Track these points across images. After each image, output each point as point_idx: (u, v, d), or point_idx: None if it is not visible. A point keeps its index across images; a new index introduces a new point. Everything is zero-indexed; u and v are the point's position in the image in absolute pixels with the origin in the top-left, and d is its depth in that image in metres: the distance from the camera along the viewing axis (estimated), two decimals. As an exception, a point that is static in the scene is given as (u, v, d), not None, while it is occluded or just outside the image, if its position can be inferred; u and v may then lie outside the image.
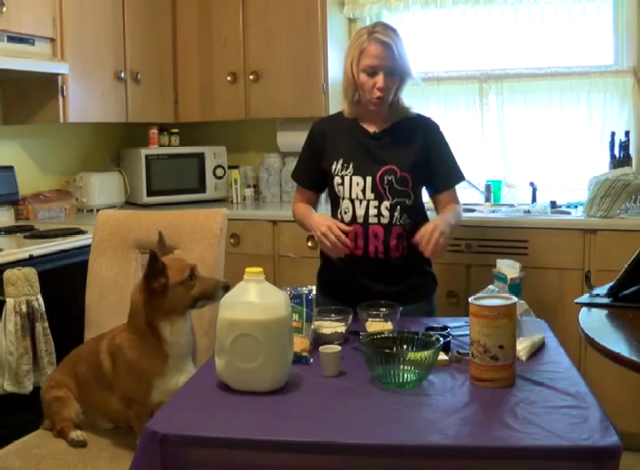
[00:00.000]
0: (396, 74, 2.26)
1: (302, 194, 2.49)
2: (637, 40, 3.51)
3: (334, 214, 2.39)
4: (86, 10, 3.45)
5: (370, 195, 2.28)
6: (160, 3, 3.95)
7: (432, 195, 2.43)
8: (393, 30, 2.28)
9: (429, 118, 2.41)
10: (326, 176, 2.37)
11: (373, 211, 2.28)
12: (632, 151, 3.41)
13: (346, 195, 2.31)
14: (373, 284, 2.30)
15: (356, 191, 2.29)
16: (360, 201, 2.29)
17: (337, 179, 2.32)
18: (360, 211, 2.29)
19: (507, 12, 3.73)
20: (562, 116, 3.67)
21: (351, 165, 2.30)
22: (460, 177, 2.42)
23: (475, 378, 1.65)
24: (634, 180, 3.09)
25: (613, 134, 3.44)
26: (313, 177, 2.44)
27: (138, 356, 1.90)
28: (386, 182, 2.27)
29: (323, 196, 2.57)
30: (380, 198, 2.28)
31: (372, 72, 2.23)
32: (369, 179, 2.28)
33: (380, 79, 2.22)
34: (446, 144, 2.39)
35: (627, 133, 3.41)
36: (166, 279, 1.88)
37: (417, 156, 2.31)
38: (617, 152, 3.40)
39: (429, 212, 2.45)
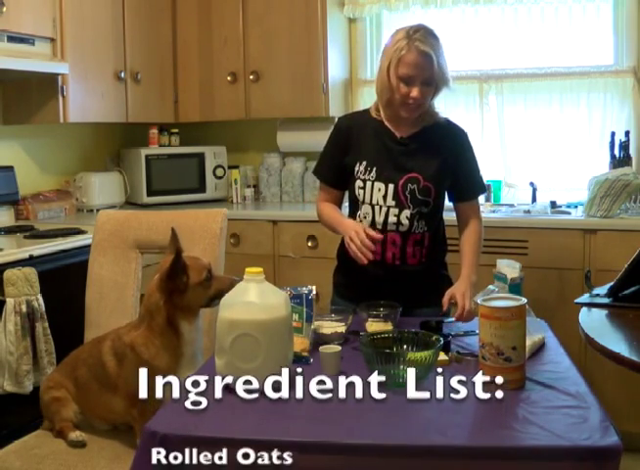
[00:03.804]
0: (432, 84, 2.19)
1: (327, 192, 2.38)
2: (637, 40, 3.51)
3: (352, 217, 2.31)
4: (86, 10, 3.45)
5: (391, 202, 2.22)
6: (160, 3, 3.95)
7: (453, 202, 2.37)
8: (435, 37, 2.19)
9: (457, 125, 2.35)
10: (348, 175, 2.30)
11: (392, 219, 2.23)
12: (632, 151, 3.41)
13: (367, 200, 2.25)
14: (389, 288, 2.24)
15: (377, 197, 2.23)
16: (380, 207, 2.23)
17: (358, 183, 2.26)
18: (380, 218, 2.23)
19: (507, 12, 3.73)
20: (562, 116, 3.66)
21: (374, 170, 2.23)
22: (481, 189, 2.38)
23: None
24: (634, 180, 3.09)
25: (613, 134, 3.44)
26: (338, 174, 2.33)
27: (154, 354, 1.91)
28: (408, 191, 2.22)
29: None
30: (401, 206, 2.22)
31: (408, 81, 2.15)
32: (391, 186, 2.22)
33: (415, 90, 2.15)
34: (472, 154, 2.33)
35: (627, 133, 3.41)
36: (187, 279, 1.89)
37: (442, 165, 2.24)
38: (617, 152, 3.40)
39: (445, 213, 2.39)
